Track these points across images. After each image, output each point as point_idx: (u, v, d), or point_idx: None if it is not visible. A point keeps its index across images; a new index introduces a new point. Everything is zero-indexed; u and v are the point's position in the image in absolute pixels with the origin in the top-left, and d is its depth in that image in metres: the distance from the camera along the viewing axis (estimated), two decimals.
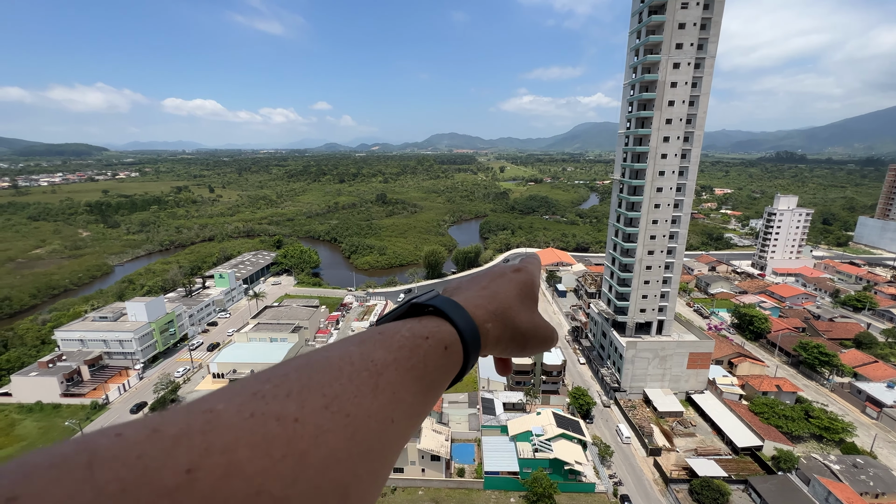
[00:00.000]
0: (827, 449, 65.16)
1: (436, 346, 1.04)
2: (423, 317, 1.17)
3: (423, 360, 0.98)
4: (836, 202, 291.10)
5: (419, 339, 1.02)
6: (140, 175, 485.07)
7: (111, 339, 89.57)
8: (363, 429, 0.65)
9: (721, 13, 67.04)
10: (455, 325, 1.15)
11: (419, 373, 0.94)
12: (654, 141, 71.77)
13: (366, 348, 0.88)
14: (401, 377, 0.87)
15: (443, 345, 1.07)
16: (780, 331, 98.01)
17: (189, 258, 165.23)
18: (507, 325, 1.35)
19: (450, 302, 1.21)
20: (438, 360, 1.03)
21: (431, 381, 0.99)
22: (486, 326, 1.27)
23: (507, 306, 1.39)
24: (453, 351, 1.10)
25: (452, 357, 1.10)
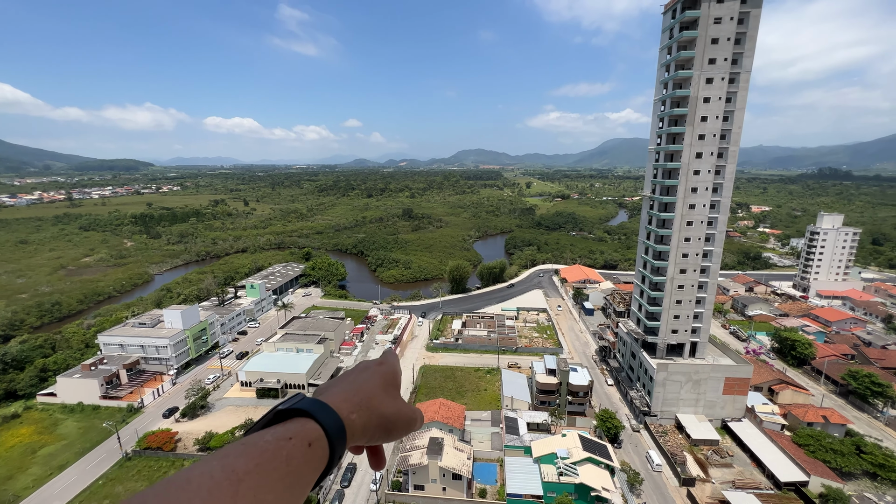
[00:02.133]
0: (882, 488, 59.90)
1: (299, 445, 1.13)
2: (289, 420, 1.25)
3: (285, 461, 1.05)
4: (888, 221, 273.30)
5: (282, 441, 1.10)
6: (181, 189, 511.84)
7: (148, 344, 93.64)
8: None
9: (756, 27, 65.54)
10: (319, 422, 1.24)
11: (282, 473, 1.02)
12: (686, 157, 70.07)
13: (227, 461, 0.93)
14: (262, 480, 0.94)
15: (306, 442, 1.16)
16: (825, 357, 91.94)
17: (223, 268, 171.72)
18: (372, 413, 1.50)
19: (314, 402, 1.32)
20: (302, 458, 1.11)
21: (297, 479, 1.06)
22: (350, 418, 1.39)
23: (370, 396, 1.56)
24: (318, 446, 1.19)
25: (317, 452, 1.19)
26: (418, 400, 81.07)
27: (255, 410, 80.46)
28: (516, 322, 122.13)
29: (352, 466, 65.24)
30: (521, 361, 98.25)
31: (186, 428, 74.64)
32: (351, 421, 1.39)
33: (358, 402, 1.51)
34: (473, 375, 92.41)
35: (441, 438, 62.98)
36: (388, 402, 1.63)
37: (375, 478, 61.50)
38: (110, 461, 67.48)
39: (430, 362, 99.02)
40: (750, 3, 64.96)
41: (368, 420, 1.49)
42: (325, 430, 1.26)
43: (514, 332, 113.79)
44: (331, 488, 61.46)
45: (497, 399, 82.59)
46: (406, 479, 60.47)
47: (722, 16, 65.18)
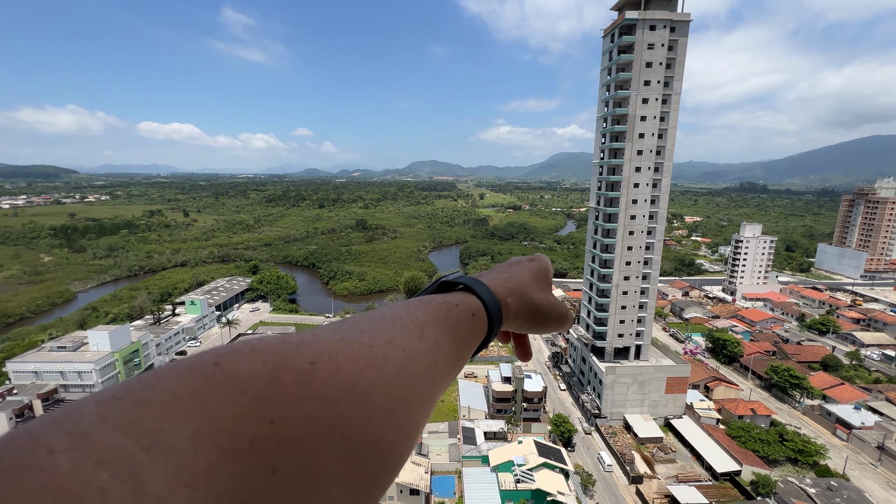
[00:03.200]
0: (802, 472, 66.00)
1: (465, 312, 1.25)
2: (453, 291, 1.38)
3: (455, 322, 1.18)
4: (797, 230, 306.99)
5: (451, 305, 1.23)
6: (111, 198, 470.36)
7: (69, 370, 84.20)
8: (415, 362, 0.87)
9: (684, 54, 71.88)
10: (480, 298, 1.35)
11: (453, 331, 1.15)
12: (627, 171, 74.81)
13: (410, 310, 1.10)
14: (439, 331, 1.08)
15: (470, 312, 1.27)
16: (751, 354, 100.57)
17: (159, 284, 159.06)
18: (525, 301, 1.54)
19: (475, 280, 1.42)
20: (467, 324, 1.23)
21: (462, 341, 1.19)
22: (506, 300, 1.46)
23: (524, 286, 1.59)
24: (479, 318, 1.30)
25: (479, 323, 1.29)
26: None
27: None
28: None
29: None
30: (477, 371, 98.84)
31: None
32: (507, 303, 1.46)
33: (512, 287, 1.55)
34: None
35: None
36: (541, 294, 1.65)
37: None
38: None
39: None
40: (678, 32, 71.24)
41: (521, 306, 1.53)
42: (486, 305, 1.34)
43: None
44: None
45: (454, 409, 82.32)
46: None
47: (654, 42, 70.88)
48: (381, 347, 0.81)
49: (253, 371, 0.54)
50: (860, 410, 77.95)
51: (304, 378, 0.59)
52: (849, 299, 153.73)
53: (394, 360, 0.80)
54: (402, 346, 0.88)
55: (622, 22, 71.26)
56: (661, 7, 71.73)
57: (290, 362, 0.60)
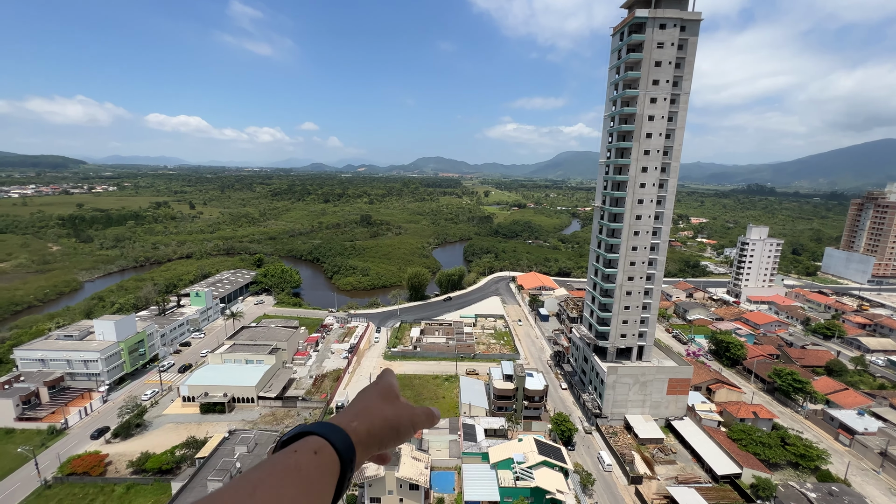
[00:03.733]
0: (803, 476, 65.74)
1: (305, 453, 1.35)
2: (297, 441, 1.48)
3: (295, 469, 1.26)
4: (805, 233, 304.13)
5: (289, 453, 1.34)
6: (118, 189, 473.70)
7: (75, 359, 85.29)
8: None
9: (694, 53, 71.14)
10: (320, 434, 1.47)
11: (293, 479, 1.22)
12: (633, 171, 74.35)
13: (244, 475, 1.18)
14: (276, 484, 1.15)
15: (311, 450, 1.38)
16: (755, 357, 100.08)
17: (165, 275, 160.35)
18: (374, 418, 1.74)
19: (315, 423, 1.56)
20: (311, 465, 1.32)
21: (310, 484, 1.26)
22: (351, 426, 1.62)
23: (368, 405, 1.82)
24: (324, 453, 1.40)
25: (325, 458, 1.39)
26: None
27: (198, 427, 75.26)
28: (474, 329, 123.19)
29: None
30: (479, 368, 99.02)
31: (119, 449, 68.39)
32: (352, 428, 1.61)
33: (356, 412, 1.77)
34: (432, 383, 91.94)
35: (398, 449, 61.89)
36: (387, 407, 1.85)
37: None
38: (25, 490, 60.40)
39: None
40: (688, 31, 70.50)
41: (371, 425, 1.71)
42: (327, 439, 1.45)
43: (472, 338, 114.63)
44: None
45: (455, 406, 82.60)
46: (361, 493, 58.78)
47: (664, 41, 70.19)
48: None
49: None
50: (864, 416, 77.41)
51: None
52: (855, 304, 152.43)
53: None
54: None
55: (632, 20, 70.61)
56: (671, 5, 70.97)
57: None
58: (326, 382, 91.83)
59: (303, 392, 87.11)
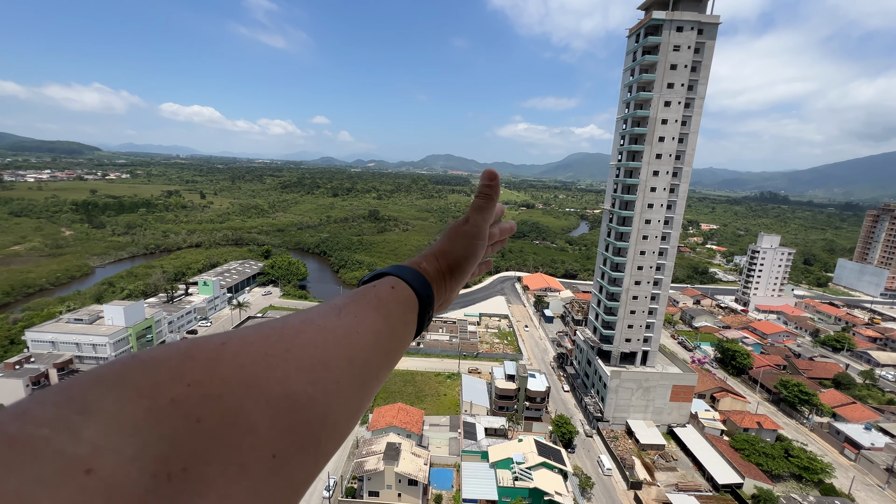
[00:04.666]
0: (806, 489, 64.96)
1: (382, 289, 1.43)
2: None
3: (374, 298, 1.34)
4: (817, 243, 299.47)
5: (368, 287, 1.43)
6: (131, 177, 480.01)
7: (84, 342, 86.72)
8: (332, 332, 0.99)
9: (711, 57, 70.19)
10: (393, 275, 1.56)
11: (374, 304, 1.30)
12: (644, 174, 73.67)
13: (328, 302, 1.23)
14: (358, 308, 1.23)
15: (388, 286, 1.46)
16: (761, 367, 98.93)
17: (174, 263, 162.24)
18: (440, 258, 1.83)
19: (389, 266, 1.65)
20: (388, 297, 1.39)
21: (389, 312, 1.32)
22: (421, 266, 1.72)
23: (436, 247, 1.89)
24: (399, 288, 1.48)
25: (402, 292, 1.48)
26: (376, 405, 79.74)
27: None
28: (478, 327, 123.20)
29: None
30: (481, 367, 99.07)
31: None
32: (422, 268, 1.70)
33: (426, 253, 1.84)
34: (434, 380, 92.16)
35: (398, 444, 62.21)
36: (452, 245, 1.89)
37: (329, 484, 59.78)
38: None
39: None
40: (706, 35, 69.55)
41: (437, 264, 1.79)
42: (401, 277, 1.54)
43: (475, 337, 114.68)
44: None
45: (456, 404, 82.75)
46: (361, 486, 59.20)
47: (681, 44, 69.34)
48: (292, 327, 0.93)
49: (167, 355, 0.66)
50: (871, 431, 76.23)
51: (215, 353, 0.71)
52: (866, 317, 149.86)
53: (307, 334, 0.92)
54: (316, 323, 1.00)
55: (648, 22, 69.81)
56: (689, 8, 70.08)
57: (202, 344, 0.72)
58: None
59: None
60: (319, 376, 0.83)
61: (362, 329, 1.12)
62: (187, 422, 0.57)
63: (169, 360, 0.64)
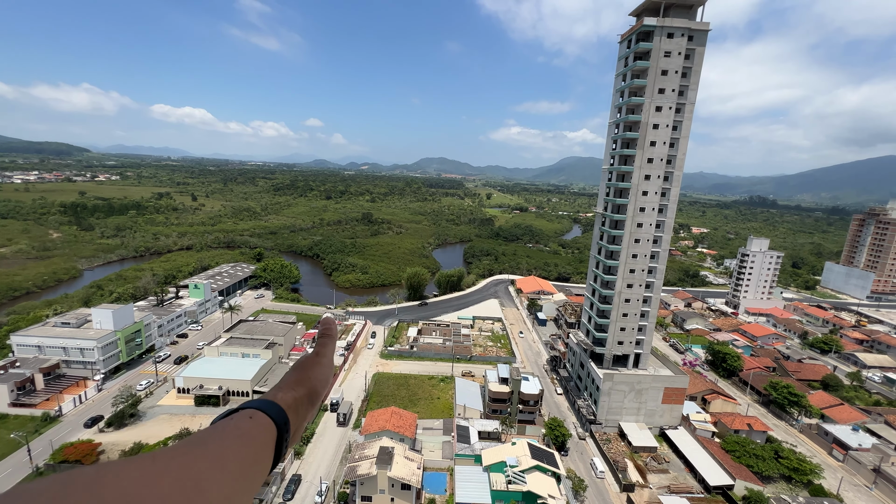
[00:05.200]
0: (796, 490, 65.64)
1: (241, 418, 1.62)
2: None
3: (235, 427, 1.51)
4: (805, 247, 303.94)
5: (227, 421, 1.58)
6: (121, 179, 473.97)
7: (71, 346, 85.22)
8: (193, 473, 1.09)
9: (701, 63, 71.21)
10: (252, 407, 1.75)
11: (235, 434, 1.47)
12: (636, 178, 74.38)
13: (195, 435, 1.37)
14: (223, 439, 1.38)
15: (247, 416, 1.66)
16: (751, 369, 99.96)
17: (164, 266, 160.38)
18: (297, 388, 2.09)
19: (243, 402, 1.82)
20: (248, 425, 1.58)
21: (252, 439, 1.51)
22: (276, 396, 1.93)
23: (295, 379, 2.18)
24: (258, 417, 1.68)
25: (261, 421, 1.67)
26: (370, 408, 79.28)
27: (192, 419, 75.25)
28: (472, 331, 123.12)
29: (296, 478, 62.47)
30: (474, 370, 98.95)
31: (112, 439, 68.34)
32: (278, 397, 1.92)
33: (281, 385, 2.09)
34: (427, 383, 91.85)
35: (391, 448, 61.86)
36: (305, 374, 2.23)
37: (321, 489, 59.21)
38: (16, 477, 60.31)
39: (383, 370, 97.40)
40: (696, 41, 70.59)
41: (295, 392, 2.04)
42: (258, 408, 1.74)
43: (469, 340, 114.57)
44: (272, 501, 58.43)
45: (450, 407, 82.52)
46: (353, 491, 58.71)
47: (671, 50, 70.29)
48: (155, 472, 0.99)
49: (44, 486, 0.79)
50: (858, 432, 77.31)
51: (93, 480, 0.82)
52: (853, 320, 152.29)
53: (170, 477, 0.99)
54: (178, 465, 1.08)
55: (640, 28, 70.71)
56: (680, 15, 71.12)
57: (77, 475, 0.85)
58: None
59: None
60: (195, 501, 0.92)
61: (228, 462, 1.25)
62: None
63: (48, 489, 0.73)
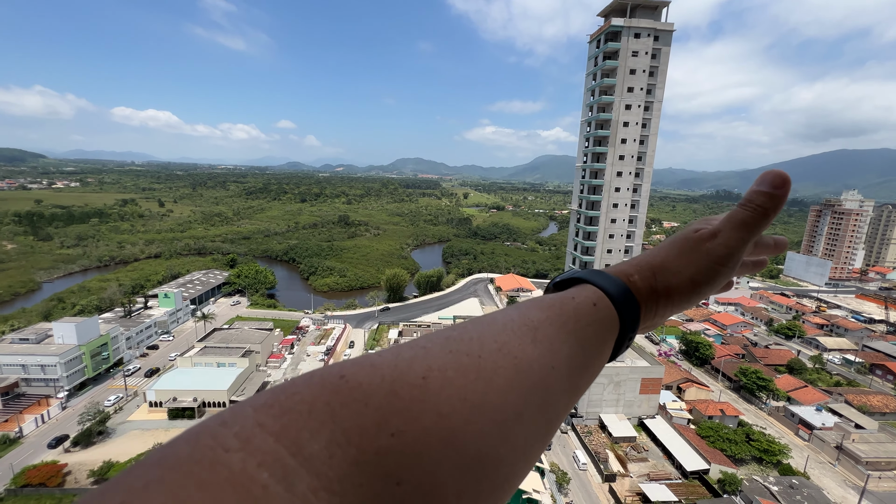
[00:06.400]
0: (766, 471, 68.59)
1: (583, 304, 1.11)
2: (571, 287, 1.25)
3: (573, 317, 1.06)
4: None
5: (566, 299, 1.11)
6: (81, 185, 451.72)
7: (31, 363, 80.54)
8: (527, 369, 0.81)
9: (667, 62, 73.54)
10: (597, 285, 1.20)
11: (571, 327, 1.03)
12: (609, 175, 76.15)
13: (522, 311, 1.01)
14: (555, 331, 0.98)
15: (590, 302, 1.13)
16: (722, 357, 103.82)
17: (131, 276, 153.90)
18: (658, 275, 1.32)
19: (590, 271, 1.27)
20: (588, 317, 1.09)
21: (586, 337, 1.05)
22: (631, 279, 1.28)
23: (654, 257, 1.38)
24: (603, 307, 1.15)
25: (603, 313, 1.14)
26: None
27: (165, 433, 72.35)
28: None
29: None
30: None
31: (79, 458, 64.96)
32: (633, 282, 1.27)
33: (638, 263, 1.35)
34: None
35: None
36: (682, 260, 1.35)
37: None
38: None
39: None
40: (662, 41, 72.84)
41: (655, 282, 1.31)
42: (605, 291, 1.19)
43: None
44: None
45: None
46: None
47: (638, 49, 72.29)
48: (490, 357, 0.78)
49: (373, 384, 0.60)
50: (821, 412, 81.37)
51: (419, 392, 0.62)
52: (814, 305, 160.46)
53: (504, 371, 0.77)
54: (512, 354, 0.83)
55: (608, 28, 72.43)
56: (646, 16, 73.24)
57: (405, 377, 0.64)
58: None
59: None
60: (512, 433, 0.72)
61: (558, 364, 0.93)
62: (387, 484, 0.52)
63: (376, 394, 0.59)
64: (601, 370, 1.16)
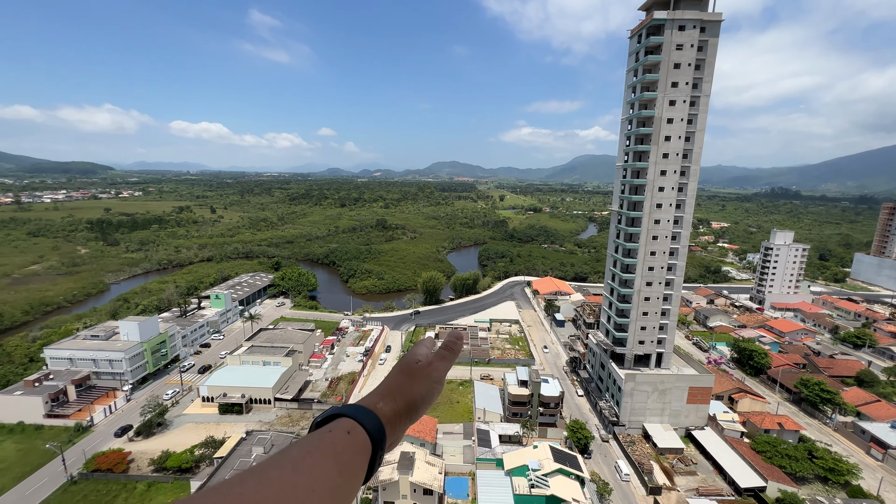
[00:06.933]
0: (832, 491, 63.08)
1: (339, 434, 1.48)
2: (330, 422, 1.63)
3: (332, 447, 1.39)
4: (832, 238, 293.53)
5: (324, 433, 1.47)
6: (143, 194, 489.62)
7: (101, 358, 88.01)
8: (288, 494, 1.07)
9: (714, 54, 69.76)
10: (349, 416, 1.62)
11: (331, 455, 1.36)
12: (652, 174, 73.12)
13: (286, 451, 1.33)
14: (314, 460, 1.29)
15: (345, 431, 1.52)
16: (780, 366, 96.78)
17: (186, 278, 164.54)
18: (398, 398, 1.88)
19: (345, 406, 1.69)
20: (345, 444, 1.45)
21: (343, 462, 1.38)
22: (377, 406, 1.77)
23: (393, 384, 1.96)
24: (356, 433, 1.53)
25: (357, 438, 1.53)
26: None
27: (216, 427, 76.71)
28: (489, 333, 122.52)
29: None
30: (493, 373, 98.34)
31: (141, 447, 70.17)
32: (379, 409, 1.75)
33: (382, 392, 1.89)
34: (446, 388, 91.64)
35: (412, 453, 61.85)
36: (409, 383, 1.98)
37: None
38: (53, 485, 62.43)
39: None
40: (708, 32, 69.22)
41: (395, 404, 1.85)
42: (358, 421, 1.59)
43: (486, 343, 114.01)
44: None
45: (469, 411, 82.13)
46: (375, 496, 58.84)
47: (683, 42, 69.08)
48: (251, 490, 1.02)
49: None
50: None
51: None
52: (888, 312, 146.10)
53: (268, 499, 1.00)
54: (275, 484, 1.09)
55: (650, 22, 69.74)
56: (691, 7, 69.88)
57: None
58: (342, 385, 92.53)
59: (318, 394, 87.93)
60: None
61: (318, 487, 1.18)
62: None
63: None
64: (360, 486, 1.50)
